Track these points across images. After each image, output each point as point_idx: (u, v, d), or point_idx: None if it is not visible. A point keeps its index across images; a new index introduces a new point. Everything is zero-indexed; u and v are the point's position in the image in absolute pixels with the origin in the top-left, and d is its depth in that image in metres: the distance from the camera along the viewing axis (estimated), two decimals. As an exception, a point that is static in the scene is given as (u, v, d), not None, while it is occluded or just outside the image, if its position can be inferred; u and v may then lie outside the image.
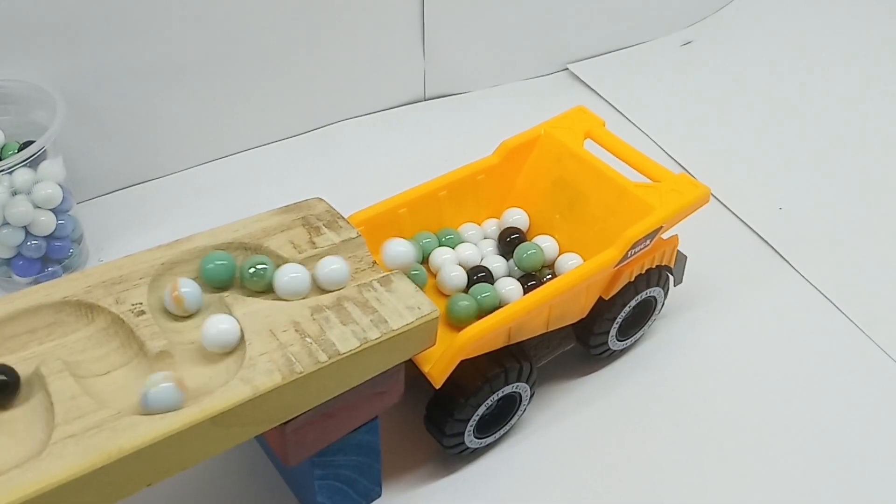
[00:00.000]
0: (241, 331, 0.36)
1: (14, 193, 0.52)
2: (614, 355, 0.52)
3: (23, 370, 0.34)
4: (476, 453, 0.47)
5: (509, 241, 0.50)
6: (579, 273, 0.43)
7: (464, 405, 0.43)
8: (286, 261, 0.40)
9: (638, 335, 0.52)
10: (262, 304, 0.38)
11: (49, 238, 0.55)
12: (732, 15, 0.85)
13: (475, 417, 0.44)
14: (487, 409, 0.44)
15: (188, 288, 0.38)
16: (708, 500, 0.46)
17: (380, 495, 0.46)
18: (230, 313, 0.37)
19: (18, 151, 0.52)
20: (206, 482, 0.46)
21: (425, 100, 0.73)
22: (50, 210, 0.54)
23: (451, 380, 0.42)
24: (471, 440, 0.45)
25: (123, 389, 0.35)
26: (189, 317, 0.38)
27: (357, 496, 0.44)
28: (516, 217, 0.51)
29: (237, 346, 0.36)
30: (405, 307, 0.39)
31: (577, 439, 0.49)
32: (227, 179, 0.65)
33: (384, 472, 0.45)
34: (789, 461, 0.47)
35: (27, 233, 0.53)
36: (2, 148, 0.54)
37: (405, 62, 0.70)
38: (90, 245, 0.59)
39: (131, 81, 0.59)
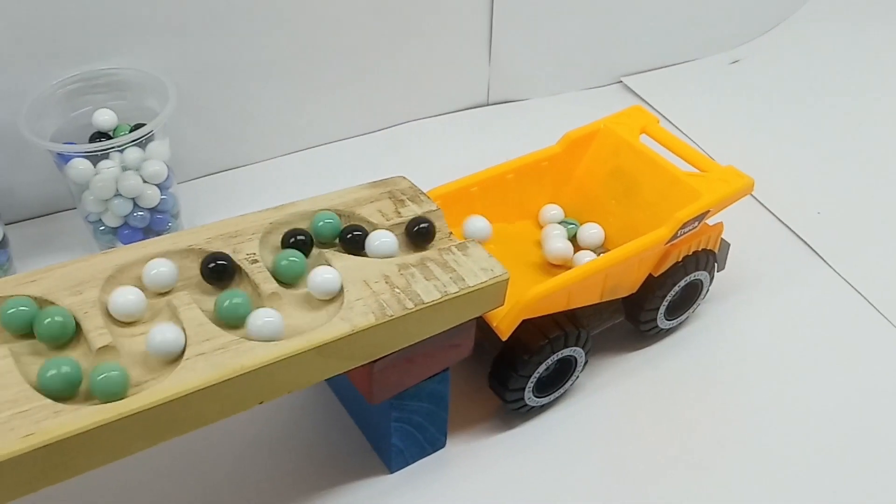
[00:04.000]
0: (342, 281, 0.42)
1: (124, 169, 0.59)
2: (661, 334, 0.57)
3: (157, 303, 0.41)
4: (533, 412, 0.52)
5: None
6: (634, 246, 0.48)
7: (527, 362, 0.48)
8: (376, 227, 0.46)
9: (684, 316, 0.57)
10: (357, 259, 0.44)
11: (152, 211, 0.61)
12: (778, 37, 0.90)
13: (536, 375, 0.49)
14: (547, 368, 0.49)
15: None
16: (739, 469, 0.50)
17: (444, 445, 0.51)
18: (332, 265, 0.43)
19: (129, 133, 0.59)
20: (286, 427, 0.52)
21: (488, 105, 0.79)
22: (156, 185, 0.60)
23: (517, 338, 0.47)
24: (530, 398, 0.50)
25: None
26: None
27: (425, 443, 0.49)
28: (553, 213, 0.57)
29: (337, 295, 0.42)
30: (480, 269, 0.44)
31: (623, 407, 0.53)
32: (306, 170, 0.72)
33: (449, 425, 0.50)
34: (818, 441, 0.51)
35: (135, 204, 0.60)
36: (115, 129, 0.61)
37: (472, 69, 0.76)
38: (184, 222, 0.65)
39: (230, 76, 0.66)
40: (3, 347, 0.37)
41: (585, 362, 0.52)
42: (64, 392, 0.35)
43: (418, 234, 0.46)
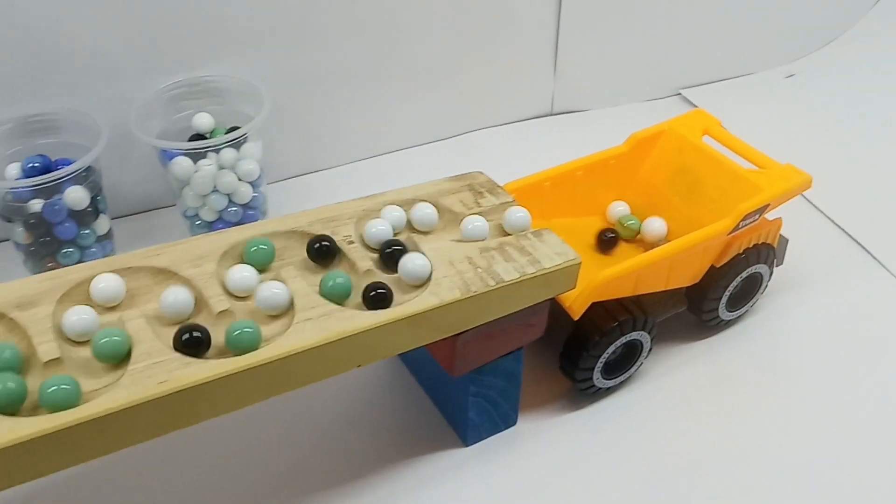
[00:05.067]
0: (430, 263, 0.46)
1: (220, 168, 0.64)
2: (722, 325, 0.60)
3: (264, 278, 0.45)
4: (600, 394, 0.56)
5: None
6: (698, 235, 0.51)
7: (597, 343, 0.51)
8: (458, 215, 0.50)
9: (744, 309, 0.60)
10: (442, 242, 0.48)
11: (245, 207, 0.66)
12: (833, 53, 0.93)
13: (604, 357, 0.52)
14: (615, 350, 0.53)
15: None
16: (794, 459, 0.52)
17: (515, 423, 0.54)
18: (419, 249, 0.47)
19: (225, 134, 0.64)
20: (366, 402, 0.56)
21: (552, 115, 0.83)
22: (249, 183, 0.65)
23: (588, 320, 0.51)
24: (598, 379, 0.54)
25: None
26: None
27: (498, 419, 0.53)
28: (619, 209, 0.61)
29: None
30: (555, 253, 0.48)
31: (685, 393, 0.56)
32: (380, 174, 0.76)
33: (520, 405, 0.54)
34: (872, 435, 0.53)
35: (229, 200, 0.65)
36: (212, 131, 0.67)
37: (538, 80, 0.80)
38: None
39: (315, 85, 0.71)
40: (136, 310, 0.42)
41: (650, 348, 0.55)
42: (198, 352, 0.40)
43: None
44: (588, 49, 0.80)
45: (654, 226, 0.58)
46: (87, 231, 0.62)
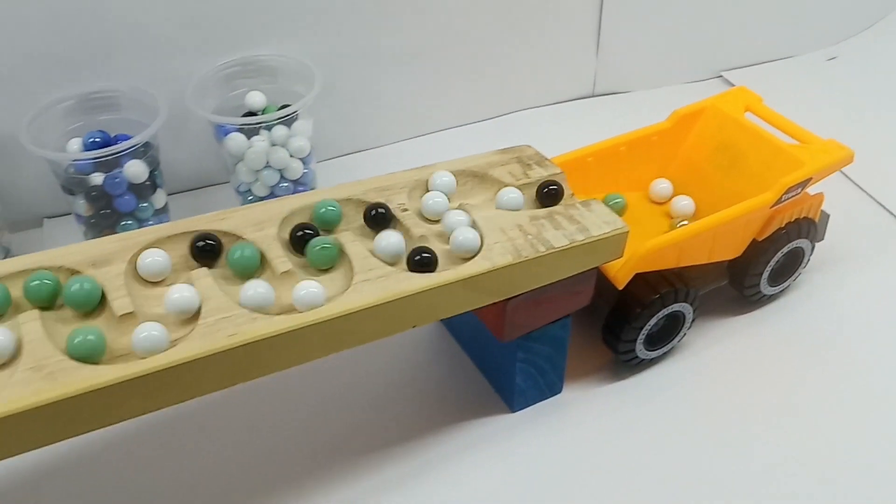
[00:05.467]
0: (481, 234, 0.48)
1: (272, 144, 0.66)
2: (763, 300, 0.61)
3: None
4: (642, 366, 0.57)
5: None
6: (741, 207, 0.52)
7: (639, 314, 0.53)
8: (505, 185, 0.52)
9: (786, 284, 0.60)
10: (492, 211, 0.50)
11: (295, 183, 0.68)
12: (875, 35, 0.93)
13: (647, 328, 0.54)
14: (657, 322, 0.54)
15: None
16: (833, 432, 0.53)
17: (561, 391, 0.56)
18: (470, 216, 0.49)
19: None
20: (414, 369, 0.57)
21: (593, 96, 0.84)
22: (300, 159, 0.67)
23: (631, 292, 0.52)
24: (640, 350, 0.55)
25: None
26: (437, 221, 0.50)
27: (545, 386, 0.55)
28: (663, 186, 0.61)
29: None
30: (603, 222, 0.49)
31: (726, 366, 0.57)
32: (424, 154, 0.77)
33: (565, 375, 0.55)
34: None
35: (281, 176, 0.67)
36: (264, 109, 0.69)
37: (580, 62, 0.81)
38: (319, 196, 0.72)
39: (363, 65, 0.73)
40: (201, 270, 0.44)
41: (693, 320, 0.56)
42: (263, 308, 0.42)
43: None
44: (630, 30, 0.81)
45: (682, 203, 0.59)
46: (145, 204, 0.64)
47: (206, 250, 0.45)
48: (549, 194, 0.51)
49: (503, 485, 0.50)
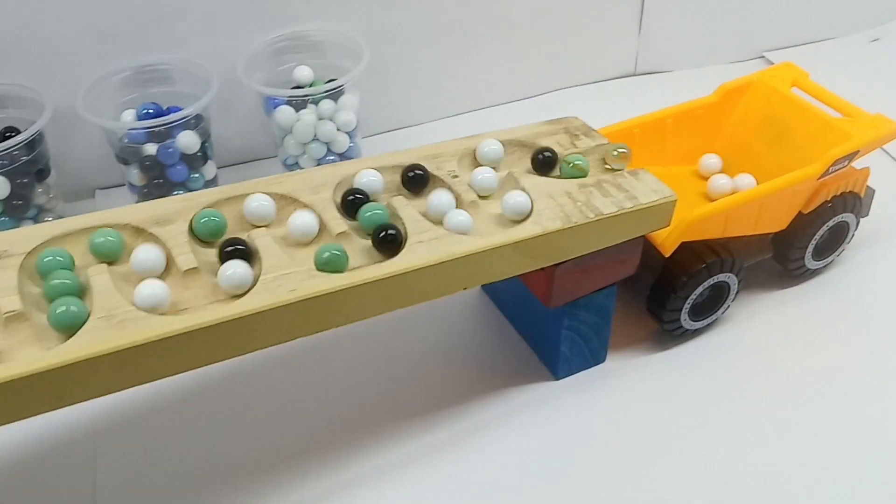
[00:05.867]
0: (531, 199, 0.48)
1: (319, 118, 0.67)
2: (808, 274, 0.61)
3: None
4: (685, 336, 0.57)
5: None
6: (788, 178, 0.53)
7: (685, 284, 0.53)
8: (555, 155, 0.52)
9: (830, 259, 0.61)
10: (540, 179, 0.50)
11: (341, 156, 0.69)
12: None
13: (692, 298, 0.54)
14: (702, 292, 0.54)
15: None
16: (871, 403, 0.53)
17: (604, 360, 0.56)
18: (519, 184, 0.50)
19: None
20: (458, 336, 0.58)
21: (635, 75, 0.84)
22: (346, 133, 0.68)
23: (676, 262, 0.53)
24: (685, 320, 0.56)
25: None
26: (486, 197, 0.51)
27: (588, 354, 0.55)
28: (711, 160, 0.62)
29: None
30: (651, 190, 0.50)
31: (770, 339, 0.58)
32: (468, 132, 0.78)
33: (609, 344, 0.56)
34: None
35: (328, 150, 0.68)
36: (311, 84, 0.70)
37: (622, 40, 0.82)
38: (363, 171, 0.73)
39: (406, 41, 0.74)
40: (262, 230, 0.45)
41: (738, 291, 0.56)
42: (335, 267, 0.43)
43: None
44: (673, 9, 0.81)
45: (720, 182, 0.60)
46: (196, 175, 0.66)
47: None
48: (543, 161, 0.51)
49: (546, 450, 0.51)
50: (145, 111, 0.65)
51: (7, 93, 0.64)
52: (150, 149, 0.63)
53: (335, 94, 0.67)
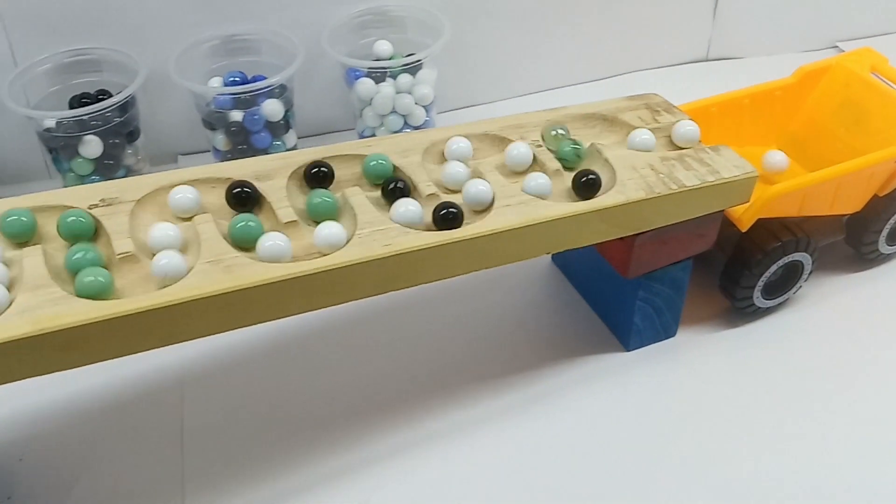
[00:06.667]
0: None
1: (397, 92, 0.69)
2: (880, 259, 0.61)
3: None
4: (757, 314, 0.58)
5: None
6: (867, 159, 0.53)
7: (760, 261, 0.54)
8: (635, 129, 0.53)
9: (903, 244, 0.61)
10: (623, 150, 0.51)
11: (416, 129, 0.71)
12: None
13: (766, 275, 0.55)
14: (776, 270, 0.55)
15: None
16: None
17: (675, 334, 0.57)
18: (602, 156, 0.51)
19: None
20: (528, 306, 0.60)
21: (706, 60, 0.85)
22: (423, 107, 0.70)
23: (752, 239, 0.54)
24: (758, 298, 0.56)
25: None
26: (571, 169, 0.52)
27: (660, 327, 0.56)
28: (777, 158, 0.62)
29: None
30: (733, 165, 0.50)
31: (842, 320, 0.58)
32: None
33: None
34: None
35: (405, 122, 0.70)
36: (390, 58, 0.71)
37: (696, 24, 0.82)
38: (436, 145, 0.75)
39: (483, 20, 0.75)
40: (355, 188, 0.47)
41: (811, 271, 0.57)
42: (412, 225, 0.45)
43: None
44: (750, -5, 0.81)
45: (776, 159, 0.60)
46: (278, 142, 0.68)
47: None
48: (587, 184, 0.48)
49: (615, 419, 0.52)
50: (232, 79, 0.67)
51: (102, 57, 0.66)
52: (237, 115, 0.66)
53: (413, 69, 0.69)
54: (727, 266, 0.56)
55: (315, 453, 0.50)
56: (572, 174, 0.49)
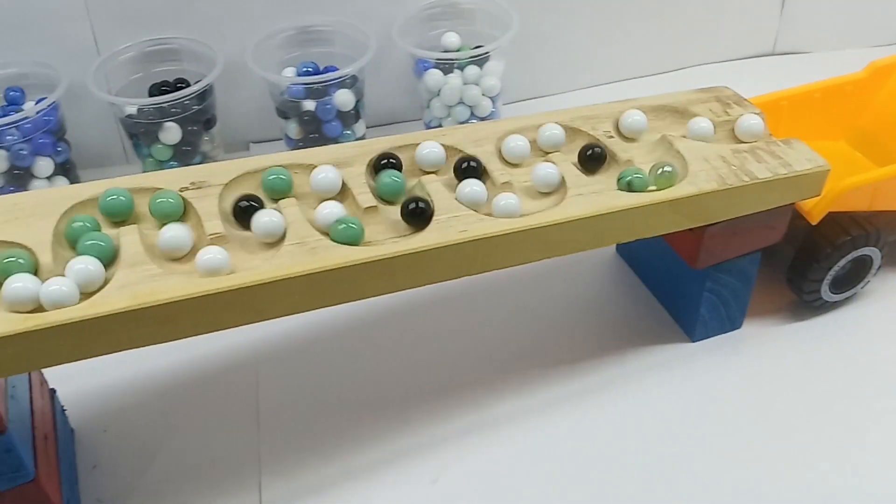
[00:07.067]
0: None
1: (464, 83, 0.70)
2: (950, 256, 0.60)
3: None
4: (823, 308, 0.58)
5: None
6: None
7: (828, 255, 0.54)
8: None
9: (975, 241, 0.60)
10: (693, 142, 0.52)
11: (482, 120, 0.72)
12: None
13: (834, 269, 0.55)
14: (845, 264, 0.55)
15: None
16: None
17: (740, 326, 0.58)
18: (674, 147, 0.51)
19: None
20: (593, 296, 0.60)
21: (773, 54, 0.84)
22: (489, 98, 0.71)
23: (821, 232, 0.54)
24: (825, 292, 0.56)
25: (612, 179, 0.49)
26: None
27: (726, 318, 0.56)
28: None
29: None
30: (805, 159, 0.51)
31: (910, 316, 0.58)
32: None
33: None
34: None
35: (471, 113, 0.71)
36: (458, 50, 0.73)
37: (763, 18, 0.82)
38: (500, 137, 0.75)
39: (552, 12, 0.75)
40: (433, 176, 0.48)
41: (879, 266, 0.57)
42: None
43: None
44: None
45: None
46: (348, 132, 0.70)
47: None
48: (592, 157, 0.50)
49: (680, 408, 0.53)
50: (305, 69, 0.69)
51: (182, 46, 0.69)
52: (309, 105, 0.67)
53: (481, 61, 0.70)
54: (795, 259, 0.56)
55: (385, 432, 0.51)
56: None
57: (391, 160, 0.48)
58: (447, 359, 0.56)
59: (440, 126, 0.72)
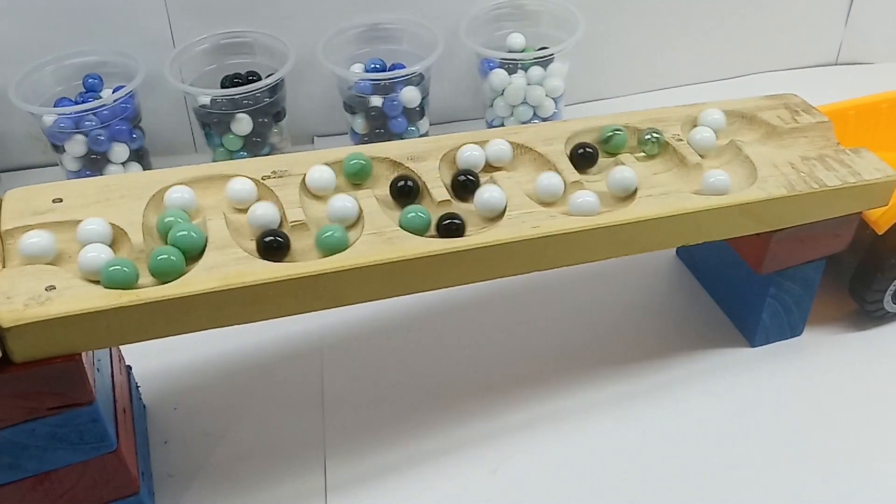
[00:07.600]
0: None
1: (528, 83, 0.71)
2: None
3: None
4: (885, 319, 0.58)
5: None
6: None
7: (893, 265, 0.54)
8: (776, 128, 0.54)
9: None
10: (763, 147, 0.52)
11: (545, 121, 0.73)
12: None
13: (899, 280, 0.55)
14: (910, 276, 0.55)
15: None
16: None
17: (800, 334, 0.58)
18: (743, 152, 0.52)
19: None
20: (653, 299, 0.61)
21: (835, 64, 0.84)
22: (553, 99, 0.72)
23: (885, 243, 0.54)
24: (888, 302, 0.56)
25: (680, 181, 0.50)
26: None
27: (787, 325, 0.57)
28: None
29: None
30: (873, 168, 0.51)
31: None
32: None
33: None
34: None
35: (534, 113, 0.72)
36: (523, 50, 0.73)
37: (828, 27, 0.82)
38: (560, 138, 0.76)
39: (618, 16, 0.76)
40: (505, 173, 0.49)
41: (947, 278, 0.56)
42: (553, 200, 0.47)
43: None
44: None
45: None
46: (413, 128, 0.71)
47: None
48: (584, 156, 0.51)
49: (737, 413, 0.53)
50: (373, 66, 0.70)
51: (255, 40, 0.70)
52: (376, 101, 0.69)
53: (545, 62, 0.71)
54: (858, 268, 0.56)
55: (447, 422, 0.53)
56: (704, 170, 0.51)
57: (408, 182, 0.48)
58: (508, 353, 0.57)
59: (502, 125, 0.73)
